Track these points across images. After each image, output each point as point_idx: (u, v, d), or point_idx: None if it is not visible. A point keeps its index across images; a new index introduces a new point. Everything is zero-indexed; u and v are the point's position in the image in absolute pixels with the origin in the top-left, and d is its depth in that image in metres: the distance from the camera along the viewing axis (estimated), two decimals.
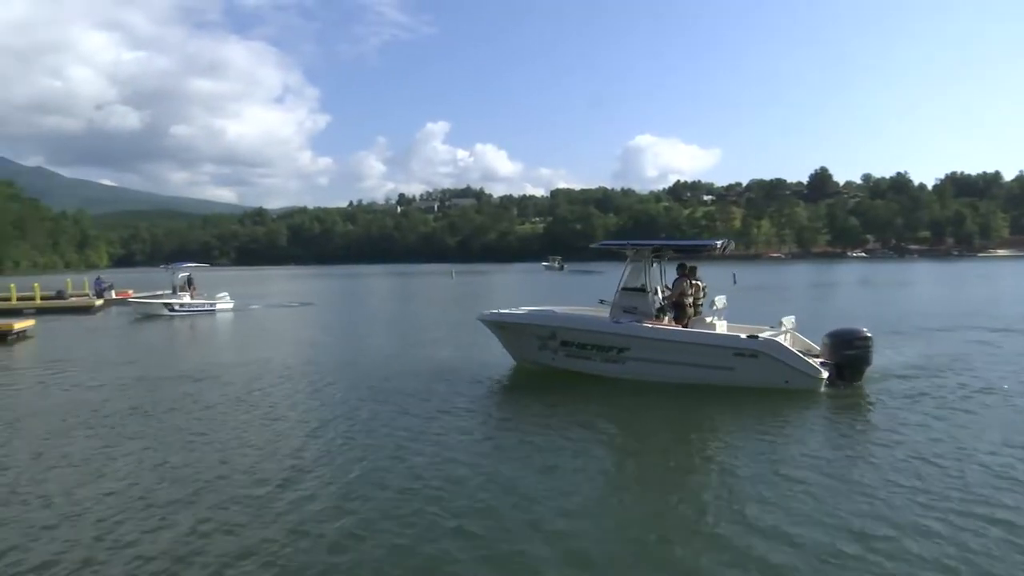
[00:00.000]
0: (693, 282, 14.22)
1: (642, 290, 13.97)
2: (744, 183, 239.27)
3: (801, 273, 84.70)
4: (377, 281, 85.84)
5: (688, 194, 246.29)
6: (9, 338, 22.84)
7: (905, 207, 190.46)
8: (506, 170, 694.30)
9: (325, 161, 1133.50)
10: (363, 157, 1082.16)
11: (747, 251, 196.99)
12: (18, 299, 36.82)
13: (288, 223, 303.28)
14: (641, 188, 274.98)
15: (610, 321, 13.92)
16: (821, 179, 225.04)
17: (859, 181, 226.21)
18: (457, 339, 21.03)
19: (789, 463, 8.49)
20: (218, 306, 34.21)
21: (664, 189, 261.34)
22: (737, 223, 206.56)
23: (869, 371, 13.01)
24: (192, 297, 33.46)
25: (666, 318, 13.88)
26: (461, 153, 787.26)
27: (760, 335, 12.81)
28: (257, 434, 10.19)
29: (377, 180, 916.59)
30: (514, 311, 15.86)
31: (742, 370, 12.50)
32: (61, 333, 26.25)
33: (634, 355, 13.48)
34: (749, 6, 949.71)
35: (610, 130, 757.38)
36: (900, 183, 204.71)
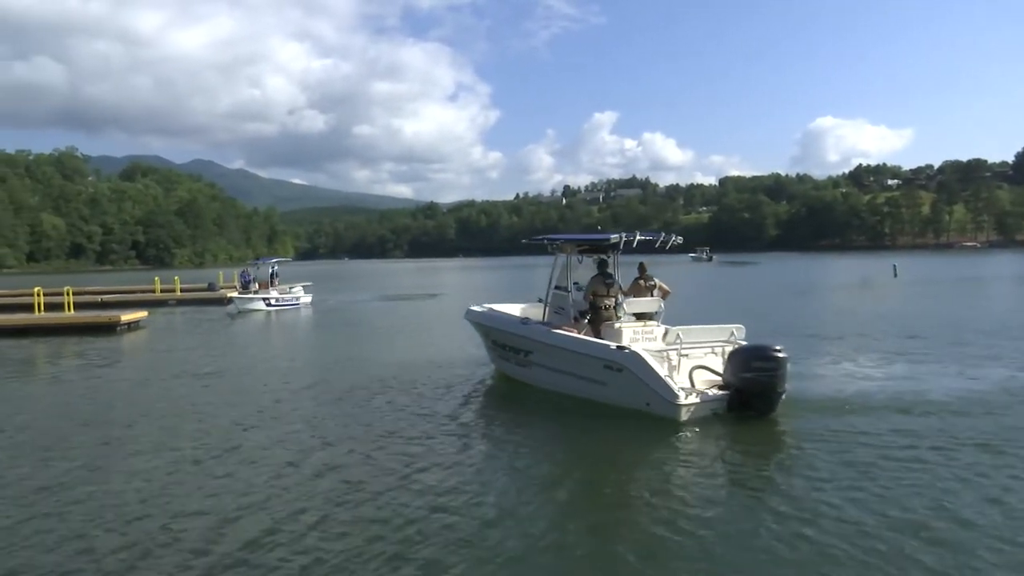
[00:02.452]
0: (639, 281, 12.59)
1: (565, 290, 12.65)
2: (937, 165, 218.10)
3: (994, 264, 75.09)
4: (522, 272, 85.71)
5: (871, 179, 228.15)
6: (118, 329, 24.29)
7: None
8: (675, 159, 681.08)
9: (495, 155, 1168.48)
10: (532, 150, 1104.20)
11: (936, 239, 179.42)
12: (161, 291, 39.90)
13: (456, 216, 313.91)
14: (821, 174, 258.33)
15: (518, 322, 12.82)
16: None
17: None
18: None
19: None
20: (301, 300, 35.08)
21: (844, 174, 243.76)
22: (925, 209, 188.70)
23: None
24: (278, 292, 34.36)
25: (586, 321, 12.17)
26: (629, 143, 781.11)
27: (630, 347, 10.61)
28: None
29: (546, 172, 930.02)
30: (474, 308, 14.66)
31: (613, 386, 10.55)
32: (171, 325, 27.70)
33: (536, 360, 12.19)
34: None
35: (788, 113, 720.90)
36: None
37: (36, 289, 26.50)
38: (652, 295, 12.42)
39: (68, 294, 26.51)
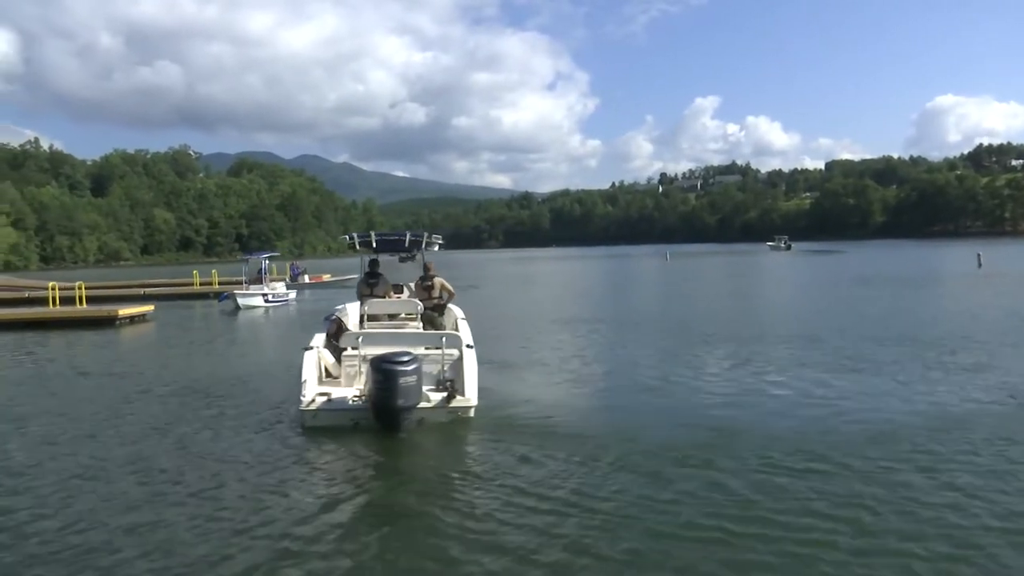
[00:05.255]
0: (419, 281, 12.12)
1: None
2: None
3: None
4: (602, 263, 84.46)
5: (992, 159, 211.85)
6: (117, 323, 25.20)
7: None
8: (780, 143, 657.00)
9: (594, 144, 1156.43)
10: (631, 138, 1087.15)
11: None
12: (200, 284, 41.46)
13: (551, 206, 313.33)
14: (939, 156, 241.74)
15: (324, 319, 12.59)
16: None
17: None
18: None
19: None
20: (290, 296, 35.41)
21: (961, 155, 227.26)
22: None
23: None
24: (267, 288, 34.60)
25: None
26: (731, 127, 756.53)
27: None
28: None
29: (644, 160, 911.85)
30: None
31: None
32: (173, 320, 28.27)
33: None
34: None
35: (903, 93, 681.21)
36: None
37: (51, 284, 28.09)
38: (431, 295, 11.92)
39: (80, 288, 27.77)
